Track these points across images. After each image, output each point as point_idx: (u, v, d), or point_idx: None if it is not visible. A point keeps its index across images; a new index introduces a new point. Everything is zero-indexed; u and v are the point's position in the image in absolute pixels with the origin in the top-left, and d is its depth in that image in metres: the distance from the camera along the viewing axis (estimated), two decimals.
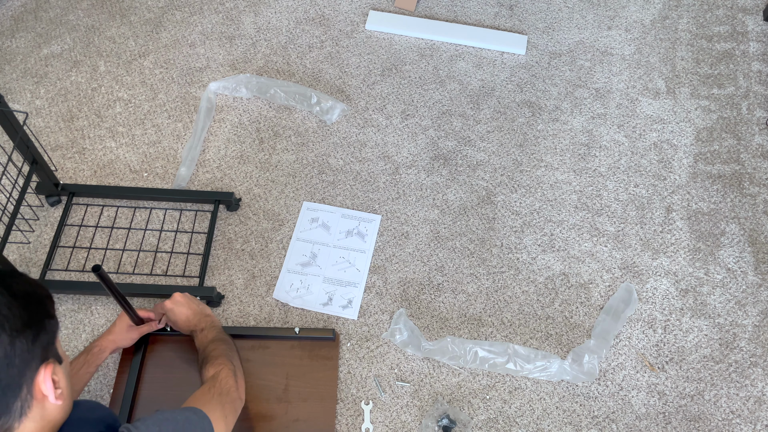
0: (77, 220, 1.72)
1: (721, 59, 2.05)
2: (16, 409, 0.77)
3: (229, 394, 1.16)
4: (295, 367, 1.48)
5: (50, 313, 0.83)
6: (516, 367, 1.48)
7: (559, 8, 2.19)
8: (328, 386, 1.46)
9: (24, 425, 0.78)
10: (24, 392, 0.77)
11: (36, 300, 0.82)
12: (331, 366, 1.48)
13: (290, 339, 1.51)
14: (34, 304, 0.81)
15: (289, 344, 1.51)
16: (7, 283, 0.80)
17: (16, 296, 0.79)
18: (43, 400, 0.80)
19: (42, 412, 0.80)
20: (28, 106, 1.95)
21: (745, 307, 1.60)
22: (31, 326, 0.78)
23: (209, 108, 1.91)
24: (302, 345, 1.51)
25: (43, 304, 0.83)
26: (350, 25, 2.14)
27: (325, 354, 1.50)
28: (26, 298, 0.80)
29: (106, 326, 1.56)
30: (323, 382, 1.46)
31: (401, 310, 1.54)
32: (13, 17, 2.16)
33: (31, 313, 0.79)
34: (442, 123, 1.92)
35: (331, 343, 1.51)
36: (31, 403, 0.78)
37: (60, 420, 0.84)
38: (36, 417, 0.79)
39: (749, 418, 1.45)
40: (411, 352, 1.51)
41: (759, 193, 1.78)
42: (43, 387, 0.79)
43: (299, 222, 1.73)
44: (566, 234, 1.72)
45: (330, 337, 1.50)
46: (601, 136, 1.89)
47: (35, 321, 0.79)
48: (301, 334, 1.50)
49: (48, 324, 0.82)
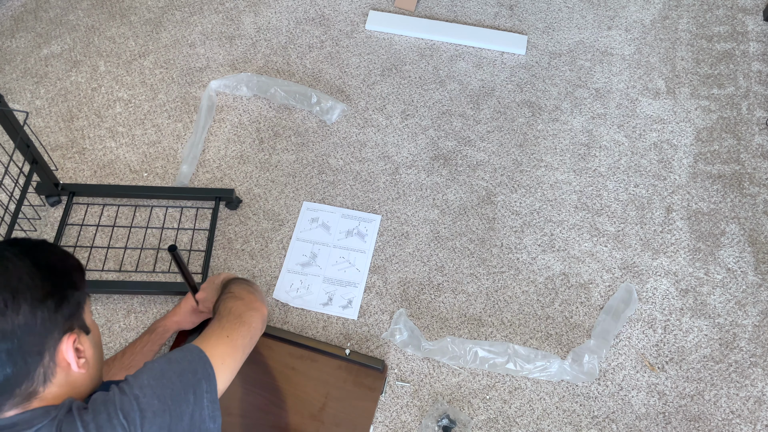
0: (78, 219, 1.72)
1: (721, 59, 2.05)
2: (39, 375, 0.80)
3: (230, 313, 1.11)
4: (337, 389, 1.44)
5: (76, 285, 0.86)
6: (516, 367, 1.48)
7: (559, 8, 2.19)
8: (364, 417, 1.41)
9: (49, 389, 0.81)
10: (47, 359, 0.80)
11: (61, 271, 0.85)
12: (372, 398, 1.44)
13: (338, 358, 1.47)
14: (58, 275, 0.84)
15: (337, 364, 1.47)
16: (32, 253, 0.83)
17: (40, 266, 0.82)
18: (67, 367, 0.83)
19: (67, 379, 0.83)
20: (28, 106, 1.95)
21: (745, 307, 1.60)
22: (54, 295, 0.81)
23: (210, 106, 1.91)
24: (349, 368, 1.46)
25: (69, 276, 0.86)
26: (350, 25, 2.14)
27: (370, 384, 1.45)
28: (50, 269, 0.83)
29: (106, 326, 1.56)
30: (360, 411, 1.42)
31: (401, 310, 1.54)
32: (13, 17, 2.16)
33: (54, 284, 0.82)
34: (442, 123, 1.92)
35: (377, 374, 1.46)
36: (55, 370, 0.82)
37: (87, 387, 0.87)
38: (61, 382, 0.82)
39: (749, 418, 1.45)
40: (411, 352, 1.52)
41: (759, 193, 1.78)
42: (66, 355, 0.82)
43: (299, 222, 1.73)
44: (566, 234, 1.72)
45: (378, 368, 1.45)
46: (601, 136, 1.90)
47: (58, 291, 0.82)
48: (351, 356, 1.46)
49: (72, 295, 0.85)
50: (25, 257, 0.82)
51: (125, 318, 1.58)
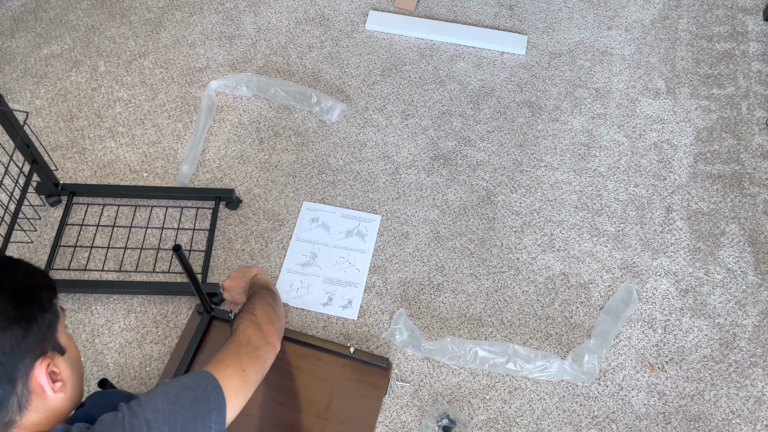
0: (78, 219, 1.72)
1: (721, 59, 2.05)
2: (13, 404, 0.76)
3: (249, 343, 1.09)
4: (342, 387, 1.44)
5: (44, 306, 0.81)
6: (516, 367, 1.48)
7: (559, 8, 2.19)
8: (369, 415, 1.42)
9: (26, 417, 0.78)
10: (19, 388, 0.77)
11: (28, 293, 0.80)
12: (377, 395, 1.44)
13: (343, 357, 1.48)
14: (24, 298, 0.79)
15: (341, 362, 1.47)
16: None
17: (4, 290, 0.78)
18: (42, 393, 0.79)
19: (44, 405, 0.80)
20: (28, 106, 1.95)
21: (745, 307, 1.60)
22: (19, 322, 0.77)
23: (210, 106, 1.91)
24: (353, 366, 1.47)
25: (37, 297, 0.81)
26: (350, 25, 2.14)
27: (374, 381, 1.45)
28: (15, 293, 0.78)
29: (105, 326, 1.56)
30: (365, 409, 1.42)
31: (401, 310, 1.54)
32: (13, 17, 2.16)
33: (20, 309, 0.78)
34: (442, 123, 1.92)
35: (381, 372, 1.46)
36: (30, 397, 0.78)
37: (66, 409, 0.84)
38: (38, 409, 0.79)
39: (749, 418, 1.45)
40: (411, 352, 1.52)
41: (759, 193, 1.78)
42: (40, 380, 0.78)
43: (299, 222, 1.73)
44: (566, 234, 1.72)
45: (383, 366, 1.46)
46: (601, 136, 1.90)
47: (25, 317, 0.78)
48: (355, 354, 1.47)
49: (41, 317, 0.80)
50: None
51: (125, 318, 1.58)
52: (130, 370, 1.51)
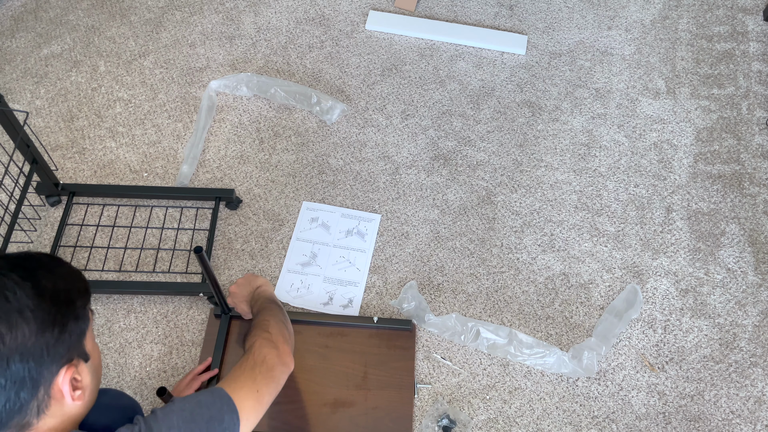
0: (78, 219, 1.72)
1: (721, 59, 2.05)
2: (33, 408, 0.76)
3: (264, 363, 1.10)
4: (374, 356, 1.50)
5: (78, 315, 0.81)
6: (515, 350, 1.49)
7: (559, 8, 2.19)
8: (406, 376, 1.48)
9: (43, 422, 0.78)
10: (41, 393, 0.77)
11: (65, 300, 0.80)
12: (408, 356, 1.50)
13: (368, 328, 1.54)
14: (61, 305, 0.79)
15: (367, 333, 1.53)
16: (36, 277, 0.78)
17: (43, 295, 0.77)
18: (62, 399, 0.79)
19: (62, 410, 0.80)
20: (28, 106, 1.95)
21: (745, 307, 1.60)
22: (53, 329, 0.77)
23: (210, 106, 1.91)
24: (380, 334, 1.53)
25: (72, 306, 0.81)
26: (350, 25, 2.14)
27: (402, 344, 1.52)
28: (53, 298, 0.78)
29: (105, 326, 1.56)
30: (401, 371, 1.49)
31: (412, 282, 1.57)
32: (13, 17, 2.16)
33: (56, 316, 0.77)
34: (442, 123, 1.92)
35: (407, 334, 1.53)
36: (49, 402, 0.78)
37: (81, 415, 0.84)
38: (56, 414, 0.79)
39: (749, 418, 1.45)
40: (415, 323, 1.54)
41: (759, 193, 1.78)
42: (63, 388, 0.79)
43: (299, 222, 1.73)
44: (566, 234, 1.72)
45: (407, 327, 1.52)
46: (601, 136, 1.90)
47: (59, 324, 0.78)
48: (379, 323, 1.52)
49: (74, 326, 0.80)
50: (27, 282, 0.77)
51: (125, 318, 1.58)
52: (130, 370, 1.51)
